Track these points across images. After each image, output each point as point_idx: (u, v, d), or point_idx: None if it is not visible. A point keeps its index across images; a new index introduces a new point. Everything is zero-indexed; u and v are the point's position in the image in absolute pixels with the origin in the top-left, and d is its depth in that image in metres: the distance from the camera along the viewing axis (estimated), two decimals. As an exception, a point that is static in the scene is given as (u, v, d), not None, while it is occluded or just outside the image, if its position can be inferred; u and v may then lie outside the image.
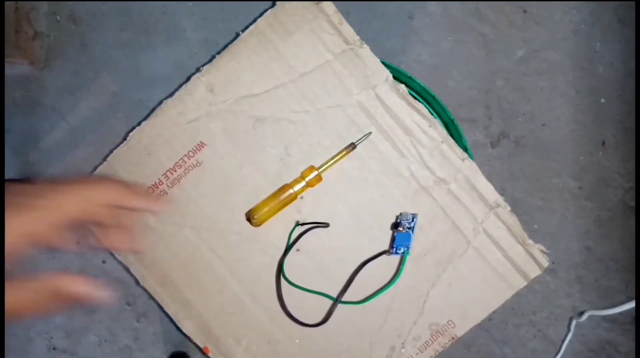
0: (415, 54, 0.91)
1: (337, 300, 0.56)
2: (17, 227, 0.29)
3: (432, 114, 0.58)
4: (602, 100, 0.95)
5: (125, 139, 0.58)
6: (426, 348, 0.58)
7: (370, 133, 0.56)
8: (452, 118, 0.69)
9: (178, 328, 0.58)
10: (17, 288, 0.29)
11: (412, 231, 0.54)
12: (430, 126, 0.57)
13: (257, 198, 0.57)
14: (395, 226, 0.55)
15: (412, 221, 0.54)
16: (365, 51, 0.57)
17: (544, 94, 0.95)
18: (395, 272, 0.56)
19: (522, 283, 0.57)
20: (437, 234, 0.57)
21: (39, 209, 0.30)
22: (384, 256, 0.56)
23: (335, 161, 0.56)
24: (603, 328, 0.94)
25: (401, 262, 0.55)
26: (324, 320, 0.56)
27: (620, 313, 0.80)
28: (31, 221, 0.29)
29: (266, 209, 0.55)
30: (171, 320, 0.58)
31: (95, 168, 0.59)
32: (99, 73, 0.87)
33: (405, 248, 0.54)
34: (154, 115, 0.58)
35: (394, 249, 0.54)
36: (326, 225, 0.57)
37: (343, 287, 0.57)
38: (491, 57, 0.94)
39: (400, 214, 0.56)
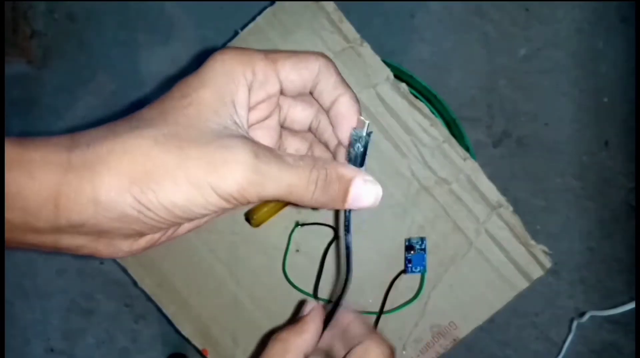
0: (417, 52, 0.91)
1: (379, 314, 0.56)
2: None
3: (433, 114, 0.58)
4: (605, 99, 0.95)
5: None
6: (427, 350, 0.57)
7: (371, 132, 0.56)
8: (453, 117, 0.68)
9: (176, 330, 0.58)
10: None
11: (425, 252, 0.55)
12: (431, 125, 0.56)
13: (256, 198, 0.56)
14: (408, 249, 0.56)
15: (423, 243, 0.55)
16: (366, 50, 0.56)
17: (546, 93, 0.94)
18: (418, 289, 0.56)
19: (524, 284, 0.56)
20: (438, 234, 0.56)
21: None
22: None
23: (336, 161, 0.55)
24: (606, 329, 0.93)
25: (422, 280, 0.56)
26: None
27: (623, 315, 0.80)
28: None
29: (265, 209, 0.54)
30: (169, 321, 0.58)
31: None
32: (97, 72, 0.86)
33: (422, 268, 0.55)
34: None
35: (409, 268, 0.55)
36: (336, 234, 0.56)
37: (382, 301, 0.56)
38: (493, 56, 0.93)
39: (409, 238, 0.56)
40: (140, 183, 0.23)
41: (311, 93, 0.30)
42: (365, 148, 0.30)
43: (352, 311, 0.34)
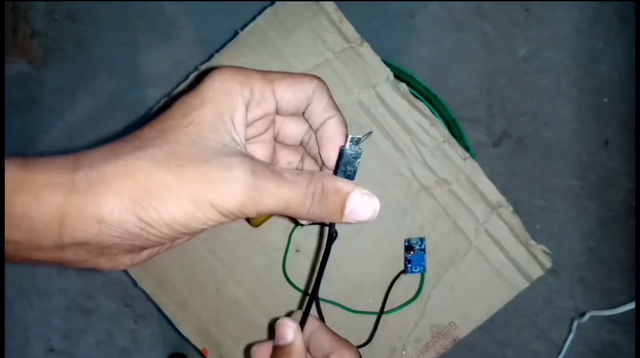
0: (417, 52, 0.91)
1: (380, 314, 0.56)
2: None
3: (433, 114, 0.58)
4: (605, 99, 0.95)
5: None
6: (427, 350, 0.57)
7: (371, 132, 0.55)
8: (453, 117, 0.68)
9: (176, 330, 0.57)
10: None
11: (424, 252, 0.55)
12: (431, 125, 0.56)
13: (256, 198, 0.56)
14: (407, 249, 0.56)
15: (422, 243, 0.55)
16: (366, 50, 0.56)
17: (546, 93, 0.94)
18: (418, 289, 0.56)
19: (524, 284, 0.56)
20: (438, 235, 0.56)
21: None
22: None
23: (336, 161, 0.55)
24: (605, 329, 0.93)
25: (421, 280, 0.56)
26: (368, 341, 0.56)
27: (623, 314, 0.80)
28: None
29: (265, 209, 0.54)
30: (169, 321, 0.57)
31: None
32: (97, 72, 0.86)
33: (422, 268, 0.55)
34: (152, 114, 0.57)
35: (409, 268, 0.55)
36: (335, 235, 0.56)
37: (382, 302, 0.56)
38: (493, 56, 0.93)
39: (409, 239, 0.55)
40: (142, 202, 0.23)
41: (302, 113, 0.31)
42: (356, 163, 0.30)
43: (315, 318, 0.34)
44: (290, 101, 0.29)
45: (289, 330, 0.31)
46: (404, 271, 0.56)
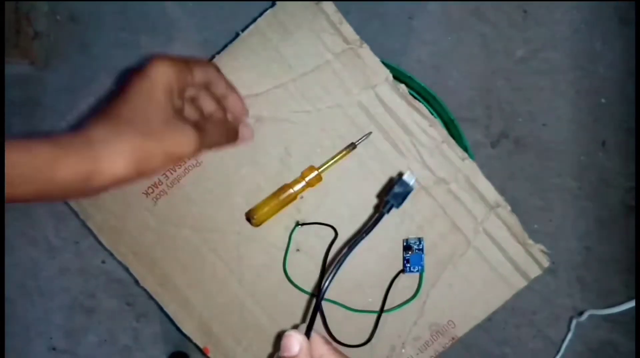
0: (415, 53, 0.91)
1: (380, 313, 0.56)
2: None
3: (432, 114, 0.58)
4: (603, 100, 0.95)
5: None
6: (426, 348, 0.57)
7: (370, 133, 0.56)
8: (452, 118, 0.68)
9: (178, 328, 0.58)
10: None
11: (422, 252, 0.56)
12: (430, 126, 0.56)
13: (257, 198, 0.56)
14: (406, 249, 0.56)
15: (420, 243, 0.56)
16: (365, 51, 0.56)
17: (544, 94, 0.95)
18: (417, 288, 0.57)
19: (522, 283, 0.57)
20: (436, 234, 0.57)
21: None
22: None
23: (335, 161, 0.56)
24: (604, 328, 0.94)
25: (420, 280, 0.56)
26: (369, 340, 0.56)
27: (620, 314, 0.80)
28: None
29: (266, 209, 0.55)
30: (171, 320, 0.58)
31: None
32: (99, 73, 0.86)
33: (420, 268, 0.56)
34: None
35: (407, 268, 0.56)
36: (335, 234, 0.57)
37: (383, 300, 0.57)
38: (491, 57, 0.94)
39: (407, 238, 0.56)
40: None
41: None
42: (407, 193, 0.43)
43: (322, 341, 0.34)
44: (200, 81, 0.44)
45: (295, 343, 0.32)
46: (402, 271, 0.56)
